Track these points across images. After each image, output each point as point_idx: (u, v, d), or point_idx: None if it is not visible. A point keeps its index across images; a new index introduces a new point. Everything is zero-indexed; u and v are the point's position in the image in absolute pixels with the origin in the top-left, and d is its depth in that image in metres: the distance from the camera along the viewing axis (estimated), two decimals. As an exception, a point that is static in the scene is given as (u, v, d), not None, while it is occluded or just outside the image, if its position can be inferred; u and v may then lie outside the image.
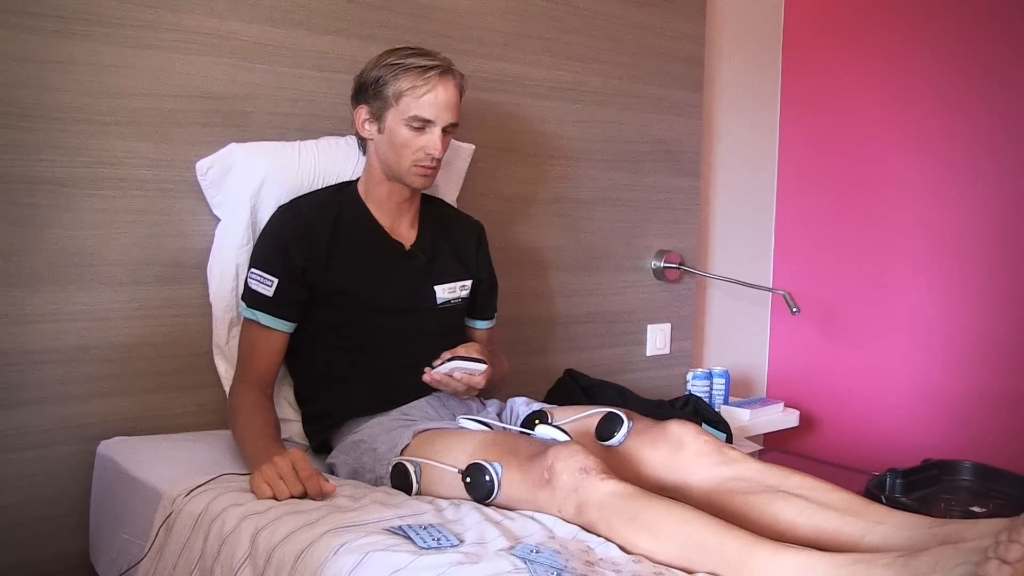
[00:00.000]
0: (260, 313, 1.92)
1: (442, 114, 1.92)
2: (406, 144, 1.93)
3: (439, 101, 1.91)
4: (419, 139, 1.92)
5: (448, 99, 1.92)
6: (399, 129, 1.92)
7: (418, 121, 1.91)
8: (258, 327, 1.93)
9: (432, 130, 1.92)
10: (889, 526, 1.50)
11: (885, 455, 2.91)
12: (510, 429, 1.88)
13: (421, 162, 1.93)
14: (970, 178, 3.06)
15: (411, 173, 1.95)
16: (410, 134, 1.92)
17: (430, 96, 1.90)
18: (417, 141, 1.92)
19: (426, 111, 1.90)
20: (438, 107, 1.91)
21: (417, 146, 1.92)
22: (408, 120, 1.91)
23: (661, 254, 3.04)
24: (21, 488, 1.89)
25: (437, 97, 1.91)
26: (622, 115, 2.90)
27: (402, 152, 1.93)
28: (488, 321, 2.25)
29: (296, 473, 1.62)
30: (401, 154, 1.94)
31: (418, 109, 1.90)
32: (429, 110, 1.90)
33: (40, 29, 1.84)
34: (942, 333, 3.14)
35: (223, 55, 2.08)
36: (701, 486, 1.71)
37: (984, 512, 2.00)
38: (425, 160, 1.93)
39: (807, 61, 3.47)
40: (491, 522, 1.49)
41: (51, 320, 1.89)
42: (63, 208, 1.89)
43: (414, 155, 1.93)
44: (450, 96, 1.92)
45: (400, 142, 1.93)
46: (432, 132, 1.92)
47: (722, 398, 3.03)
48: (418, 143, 1.92)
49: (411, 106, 1.90)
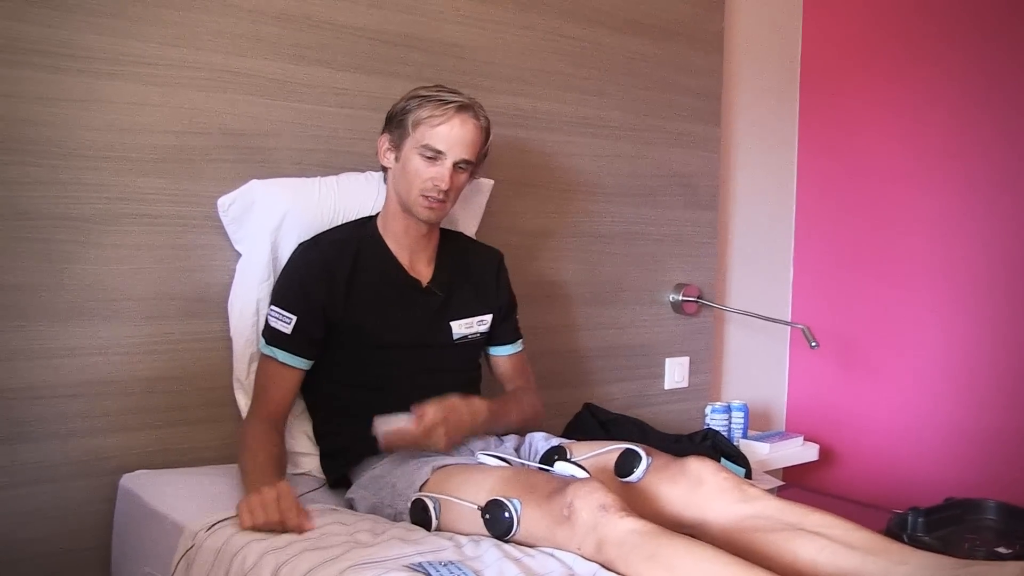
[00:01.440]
0: (278, 350, 1.94)
1: (454, 148, 1.92)
2: (416, 173, 1.94)
3: (453, 135, 1.92)
4: (429, 170, 1.93)
5: (463, 135, 1.93)
6: (412, 157, 1.94)
7: (430, 151, 1.92)
8: (276, 364, 1.95)
9: (443, 162, 1.93)
10: (912, 566, 1.49)
11: (906, 490, 2.90)
12: (529, 465, 1.88)
13: (428, 192, 1.94)
14: (990, 211, 3.05)
15: (418, 204, 1.96)
16: (421, 163, 1.93)
17: (444, 128, 1.91)
18: (427, 171, 1.93)
19: (438, 142, 1.91)
20: (451, 140, 1.92)
21: (426, 176, 1.93)
22: (421, 149, 1.92)
23: (679, 287, 3.04)
24: (44, 521, 1.90)
25: (452, 130, 1.92)
26: (640, 149, 2.91)
27: (412, 181, 1.94)
28: (510, 346, 2.24)
29: (278, 504, 1.63)
30: (411, 183, 1.95)
31: (431, 139, 1.91)
32: (441, 141, 1.91)
33: (66, 69, 1.87)
34: (964, 367, 3.12)
35: (245, 92, 2.10)
36: (720, 524, 1.70)
37: (1010, 553, 1.97)
38: (432, 192, 1.94)
39: (825, 93, 3.47)
40: (510, 559, 1.49)
41: (75, 355, 1.91)
42: (87, 244, 1.92)
43: (422, 185, 1.94)
44: (466, 133, 1.93)
45: (411, 170, 1.94)
46: (442, 164, 1.93)
47: (741, 432, 3.01)
48: (427, 173, 1.93)
49: (425, 135, 1.92)
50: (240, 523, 1.62)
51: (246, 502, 1.65)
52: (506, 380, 2.23)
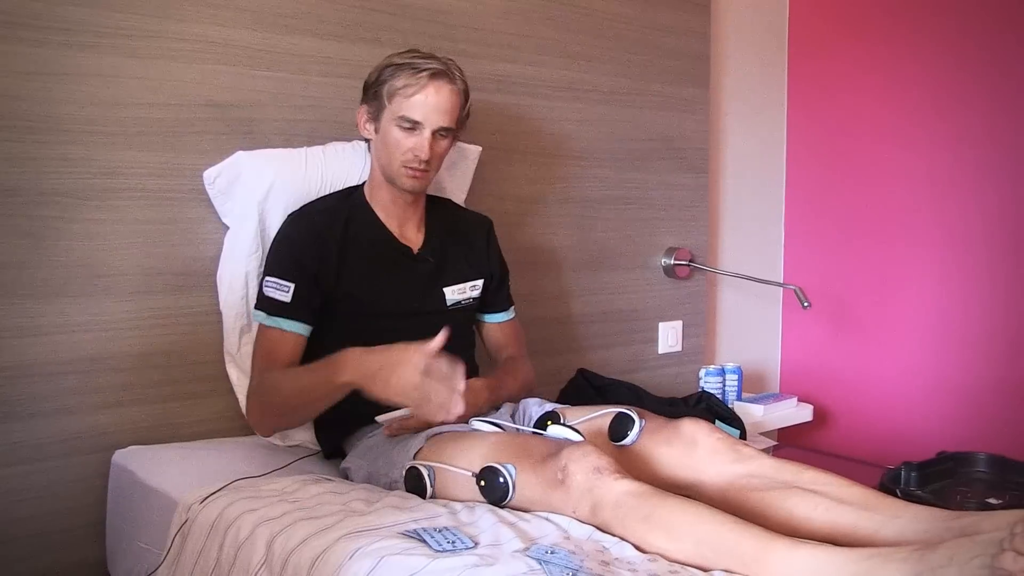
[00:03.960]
0: (281, 319, 1.91)
1: (431, 116, 1.90)
2: (396, 145, 1.92)
3: (428, 103, 1.89)
4: (408, 140, 1.91)
5: (440, 102, 1.90)
6: (391, 129, 1.92)
7: (407, 122, 1.90)
8: (279, 333, 1.91)
9: (421, 132, 1.90)
10: (905, 520, 1.49)
11: (899, 448, 2.91)
12: (523, 430, 1.88)
13: (409, 164, 1.92)
14: (981, 168, 3.05)
15: (400, 174, 1.94)
16: (400, 134, 1.91)
17: (419, 97, 1.89)
18: (406, 142, 1.91)
19: (415, 112, 1.89)
20: (427, 108, 1.89)
21: (406, 147, 1.91)
22: (398, 120, 1.90)
23: (671, 251, 3.03)
24: (38, 499, 1.90)
25: (427, 99, 1.89)
26: (629, 113, 2.90)
27: (393, 152, 1.93)
28: (503, 314, 2.23)
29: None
30: (392, 154, 1.93)
31: (407, 109, 1.89)
32: (418, 111, 1.89)
33: (46, 42, 1.85)
34: (954, 324, 3.12)
35: (228, 63, 2.08)
36: (715, 484, 1.70)
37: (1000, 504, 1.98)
38: (413, 162, 1.92)
39: (813, 55, 3.46)
40: (506, 524, 1.49)
41: (63, 331, 1.90)
42: (72, 220, 1.90)
43: (403, 156, 1.92)
44: (442, 99, 1.90)
45: (391, 142, 1.92)
46: (421, 134, 1.91)
47: (735, 394, 3.02)
48: (407, 144, 1.91)
49: (401, 106, 1.89)
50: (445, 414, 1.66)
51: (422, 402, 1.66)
52: (499, 348, 2.23)
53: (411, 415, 1.81)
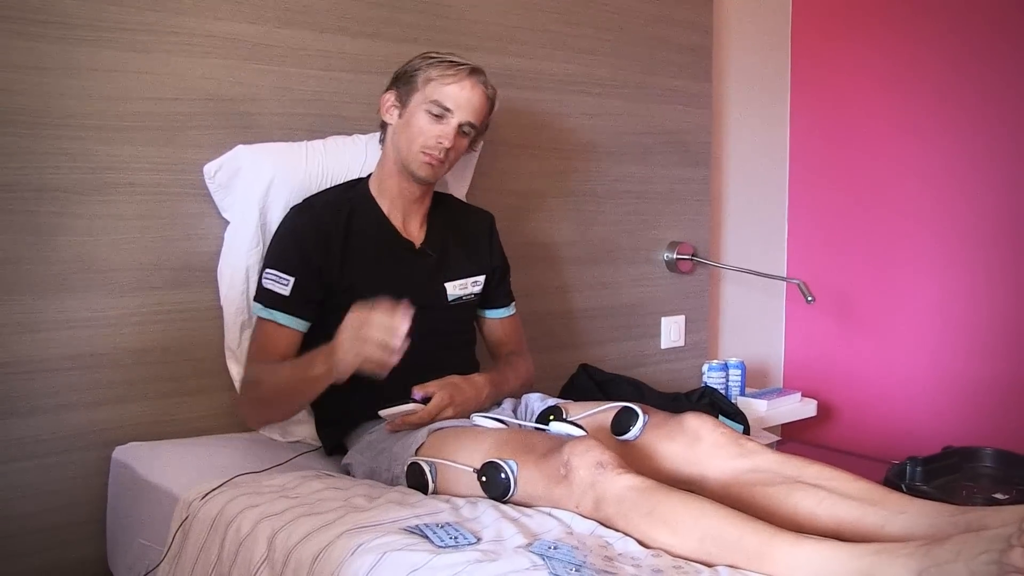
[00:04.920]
0: (277, 312, 1.91)
1: (462, 108, 1.92)
2: (421, 130, 1.93)
3: (463, 95, 1.92)
4: (434, 127, 1.93)
5: (471, 97, 1.93)
6: (418, 113, 1.93)
7: (438, 107, 1.92)
8: (275, 326, 1.92)
9: (448, 120, 1.92)
10: (910, 515, 1.49)
11: (904, 443, 2.90)
12: (525, 426, 1.88)
13: (430, 149, 1.93)
14: (986, 161, 3.04)
15: (417, 159, 1.94)
16: (427, 120, 1.93)
17: (455, 87, 1.92)
18: (432, 129, 1.93)
19: (447, 99, 1.92)
20: (460, 100, 1.92)
21: (431, 133, 1.93)
22: (429, 105, 1.92)
23: (673, 246, 3.02)
24: (38, 496, 1.89)
25: (463, 91, 1.92)
26: (631, 107, 2.88)
27: (415, 137, 1.94)
28: (504, 309, 2.22)
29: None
30: (414, 139, 1.94)
31: (441, 95, 1.92)
32: (451, 99, 1.92)
33: (44, 36, 1.84)
34: (959, 319, 3.11)
35: (228, 57, 2.07)
36: (719, 479, 1.69)
37: (1007, 499, 1.98)
38: (434, 148, 1.93)
39: (817, 48, 3.44)
40: (508, 519, 1.48)
41: (62, 327, 1.89)
42: (71, 215, 1.89)
43: (425, 141, 1.93)
44: (475, 96, 1.94)
45: (416, 126, 1.94)
46: (448, 123, 1.92)
47: (738, 389, 3.01)
48: (433, 131, 1.93)
49: (435, 91, 1.92)
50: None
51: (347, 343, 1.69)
52: (499, 344, 2.22)
53: (415, 410, 1.81)
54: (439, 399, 1.84)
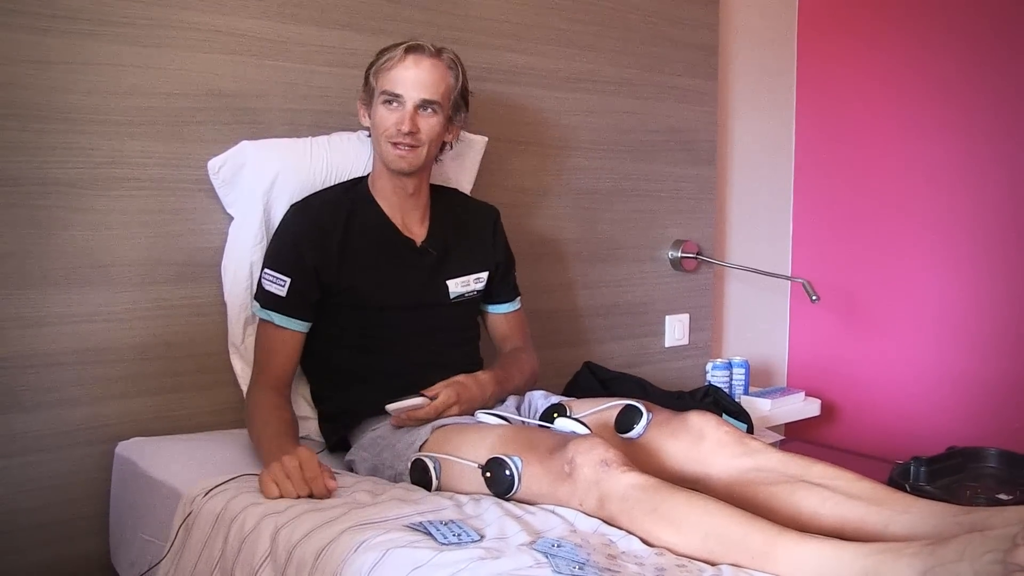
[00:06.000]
0: (274, 313, 1.92)
1: (410, 89, 1.90)
2: (381, 122, 1.93)
3: (407, 76, 1.90)
4: (391, 115, 1.91)
5: (418, 75, 1.90)
6: (377, 108, 1.93)
7: (387, 95, 1.91)
8: (273, 327, 1.93)
9: (402, 104, 1.90)
10: (914, 515, 1.48)
11: (908, 443, 2.89)
12: (529, 423, 1.87)
13: (393, 139, 1.92)
14: (990, 161, 3.03)
15: (389, 153, 1.94)
16: (384, 111, 1.92)
17: (397, 70, 1.90)
18: (389, 117, 1.91)
19: (394, 84, 1.90)
20: (406, 81, 1.90)
21: (389, 122, 1.91)
22: (381, 96, 1.92)
23: (678, 244, 3.02)
24: (41, 490, 1.89)
25: (405, 71, 1.90)
26: (636, 104, 2.88)
27: (379, 131, 1.93)
28: (508, 304, 2.22)
29: (302, 473, 1.61)
30: (379, 134, 1.94)
31: (387, 83, 1.91)
32: (397, 83, 1.90)
33: (49, 30, 1.84)
34: (964, 318, 3.10)
35: (233, 52, 2.07)
36: (722, 477, 1.69)
37: (1011, 499, 1.97)
38: (396, 136, 1.91)
39: (822, 47, 3.43)
40: (512, 517, 1.48)
41: (67, 322, 1.89)
42: (76, 209, 1.89)
43: (386, 132, 1.92)
44: (421, 72, 1.90)
45: (377, 121, 1.94)
46: (402, 107, 1.90)
47: (742, 388, 3.01)
48: (390, 119, 1.91)
49: (383, 81, 1.91)
50: (266, 495, 1.60)
51: (269, 473, 1.62)
52: (504, 339, 2.21)
53: (421, 405, 1.81)
54: (445, 396, 1.84)
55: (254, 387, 1.94)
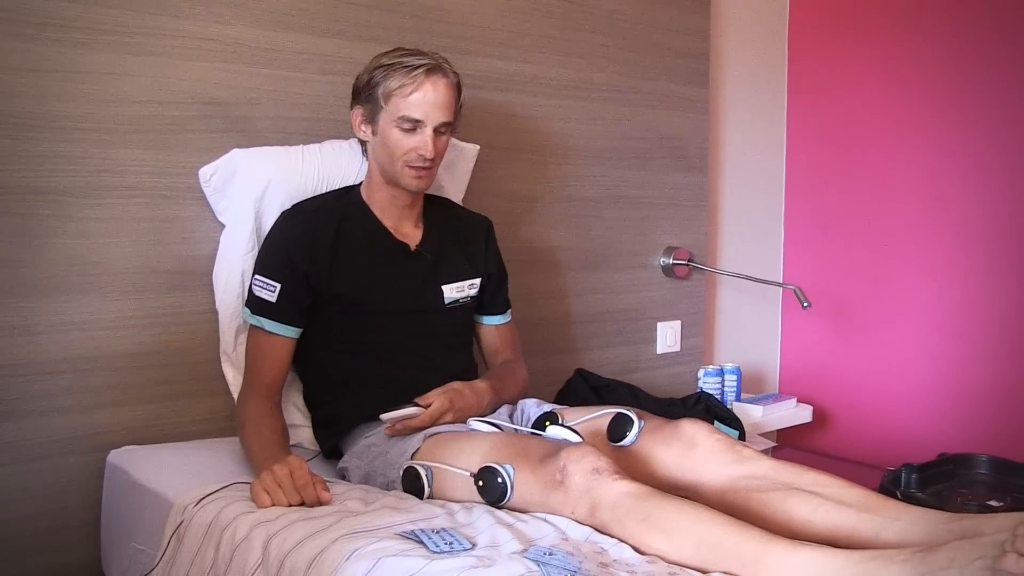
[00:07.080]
0: (264, 319, 1.92)
1: (431, 113, 1.88)
2: (397, 145, 1.90)
3: (428, 100, 1.88)
4: (410, 140, 1.90)
5: (438, 98, 1.89)
6: (390, 130, 1.90)
7: (407, 122, 1.88)
8: (264, 334, 1.93)
9: (423, 130, 1.89)
10: (905, 522, 1.48)
11: (899, 450, 2.90)
12: (521, 431, 1.87)
13: (412, 163, 1.91)
14: (980, 168, 3.04)
15: (404, 175, 1.93)
16: (400, 135, 1.90)
17: (418, 95, 1.87)
18: (408, 142, 1.90)
19: (415, 111, 1.88)
20: (427, 106, 1.88)
21: (408, 147, 1.90)
22: (398, 121, 1.88)
23: (670, 251, 3.02)
24: (32, 499, 1.88)
25: (426, 96, 1.87)
26: (628, 112, 2.88)
27: (394, 153, 1.91)
28: (500, 316, 2.22)
29: (293, 481, 1.61)
30: (394, 155, 1.92)
31: (407, 109, 1.88)
32: (418, 109, 1.88)
33: (41, 38, 1.83)
34: (955, 325, 3.11)
35: (224, 60, 2.07)
36: (714, 485, 1.69)
37: (1001, 506, 1.98)
38: (416, 161, 1.91)
39: (813, 54, 3.45)
40: (503, 525, 1.48)
41: (58, 330, 1.89)
42: (67, 218, 1.89)
43: (405, 156, 1.91)
44: (440, 95, 1.89)
45: (392, 143, 1.91)
46: (423, 132, 1.89)
47: (734, 395, 3.01)
48: (409, 144, 1.90)
49: (400, 106, 1.88)
50: (258, 504, 1.60)
51: (260, 483, 1.63)
52: (495, 351, 2.21)
53: (416, 414, 1.81)
54: (440, 403, 1.83)
55: (245, 395, 1.94)
